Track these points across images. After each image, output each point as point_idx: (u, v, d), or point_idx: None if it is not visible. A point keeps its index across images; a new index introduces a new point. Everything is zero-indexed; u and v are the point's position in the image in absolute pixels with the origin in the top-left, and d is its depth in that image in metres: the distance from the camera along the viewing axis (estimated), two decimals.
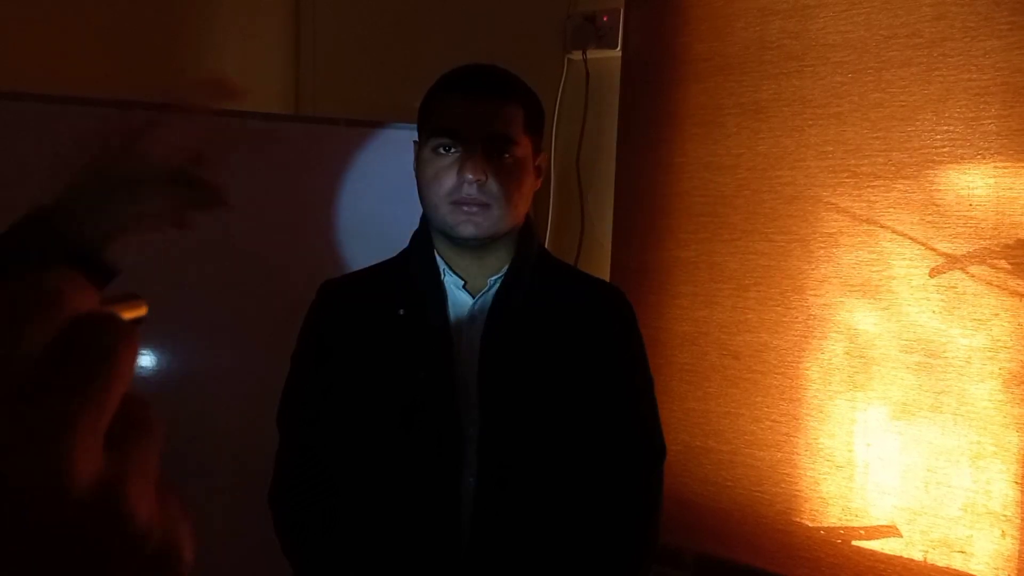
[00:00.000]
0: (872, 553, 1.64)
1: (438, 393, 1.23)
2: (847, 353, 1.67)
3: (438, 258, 1.28)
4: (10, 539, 0.24)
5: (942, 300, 1.57)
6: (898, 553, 1.61)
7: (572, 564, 1.24)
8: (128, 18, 1.98)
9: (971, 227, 1.55)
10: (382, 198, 1.85)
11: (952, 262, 1.56)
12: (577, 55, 2.02)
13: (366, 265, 1.37)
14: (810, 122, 1.72)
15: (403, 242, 1.34)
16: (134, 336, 0.27)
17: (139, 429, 0.27)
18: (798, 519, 1.73)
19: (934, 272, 1.58)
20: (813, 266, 1.72)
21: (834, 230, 1.69)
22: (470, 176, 1.18)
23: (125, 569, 0.26)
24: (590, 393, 1.26)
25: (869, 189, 1.65)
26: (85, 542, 0.25)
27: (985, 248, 1.53)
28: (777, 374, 1.75)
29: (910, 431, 1.60)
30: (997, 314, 1.52)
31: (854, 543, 1.66)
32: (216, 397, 1.78)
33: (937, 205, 1.58)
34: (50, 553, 0.25)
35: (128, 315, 0.30)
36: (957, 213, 1.56)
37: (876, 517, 1.64)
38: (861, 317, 1.66)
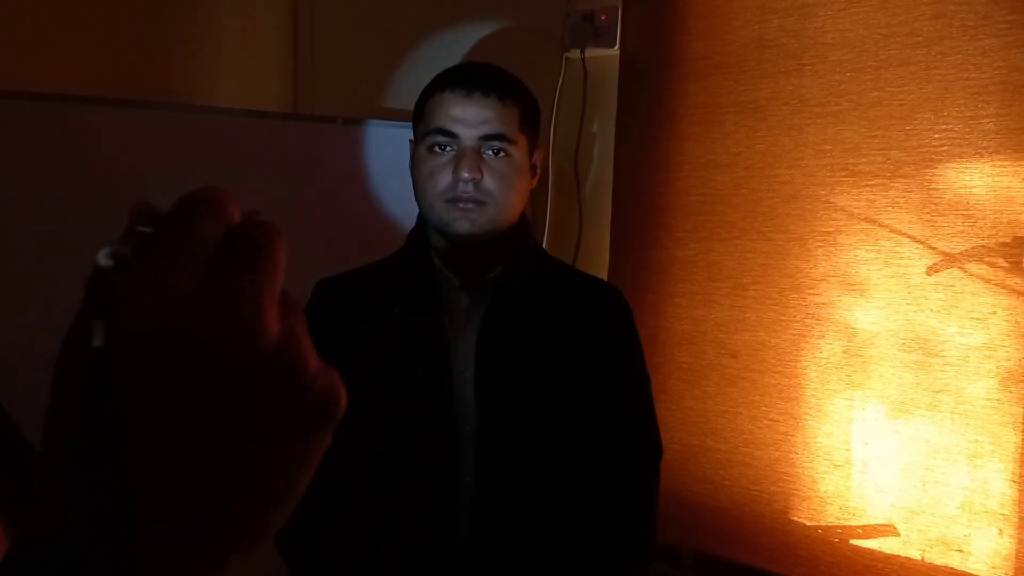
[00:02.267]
0: (870, 552, 1.64)
1: (434, 392, 1.23)
2: (845, 352, 1.67)
3: (434, 256, 1.28)
4: (213, 389, 0.30)
5: (940, 299, 1.57)
6: (896, 552, 1.61)
7: (569, 563, 1.24)
8: (126, 17, 1.98)
9: (969, 225, 1.54)
10: (379, 196, 1.85)
11: (950, 260, 1.56)
12: (575, 54, 2.02)
13: (362, 263, 1.37)
14: (808, 121, 1.72)
15: (399, 240, 1.34)
16: (282, 234, 0.34)
17: (296, 307, 0.34)
18: (796, 518, 1.73)
19: (932, 270, 1.58)
20: (811, 265, 1.71)
21: (832, 229, 1.69)
22: (466, 174, 1.19)
23: (298, 410, 0.32)
24: (586, 391, 1.26)
25: (867, 188, 1.65)
26: (270, 388, 0.31)
27: (983, 246, 1.53)
28: (775, 373, 1.75)
29: (908, 430, 1.60)
30: (995, 312, 1.51)
31: (852, 542, 1.66)
32: None
33: (935, 204, 1.58)
34: (244, 400, 0.31)
35: None
36: (955, 211, 1.56)
37: (874, 516, 1.64)
38: (859, 315, 1.66)
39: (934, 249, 1.58)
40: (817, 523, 1.70)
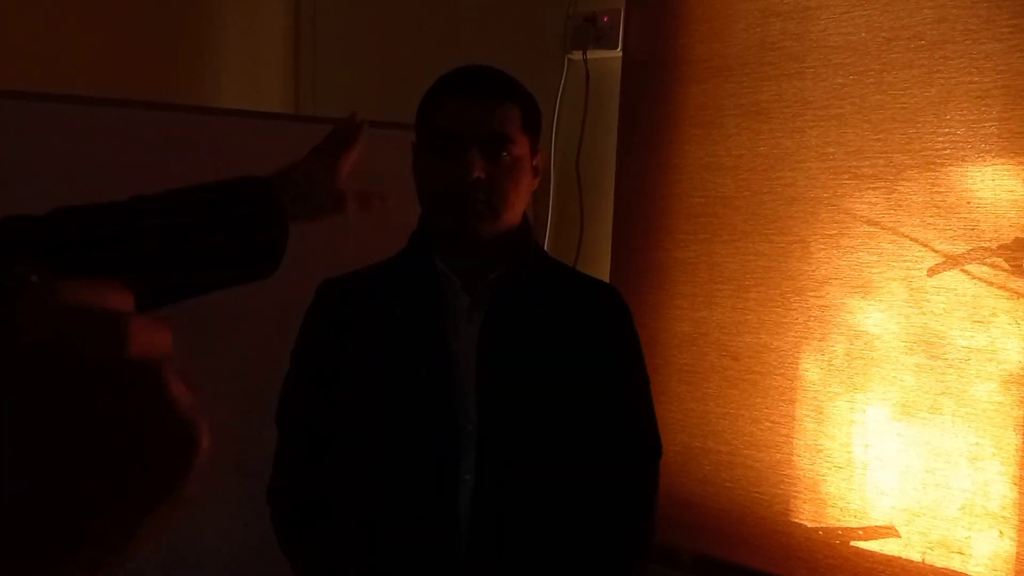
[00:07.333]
0: (871, 554, 1.64)
1: (436, 391, 1.24)
2: (847, 354, 1.67)
3: (436, 258, 1.28)
4: (85, 391, 0.32)
5: (942, 301, 1.57)
6: (896, 554, 1.61)
7: (569, 561, 1.24)
8: (128, 17, 1.98)
9: (971, 228, 1.55)
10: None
11: (952, 263, 1.57)
12: (577, 55, 2.02)
13: (365, 265, 1.37)
14: (811, 124, 1.72)
15: (401, 242, 1.34)
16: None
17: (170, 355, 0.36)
18: (797, 520, 1.73)
19: (934, 273, 1.58)
20: (813, 267, 1.72)
21: (834, 231, 1.69)
22: (467, 176, 1.19)
23: (156, 429, 0.34)
24: (586, 391, 1.27)
25: (870, 191, 1.66)
26: (128, 397, 0.33)
27: (985, 249, 1.53)
28: (777, 375, 1.76)
29: (909, 432, 1.60)
30: (996, 315, 1.52)
31: (853, 544, 1.66)
32: (215, 395, 1.78)
33: (937, 207, 1.58)
34: (106, 396, 0.33)
35: None
36: (957, 214, 1.56)
37: (875, 518, 1.64)
38: (861, 318, 1.66)
39: (936, 252, 1.58)
40: (818, 525, 1.70)
